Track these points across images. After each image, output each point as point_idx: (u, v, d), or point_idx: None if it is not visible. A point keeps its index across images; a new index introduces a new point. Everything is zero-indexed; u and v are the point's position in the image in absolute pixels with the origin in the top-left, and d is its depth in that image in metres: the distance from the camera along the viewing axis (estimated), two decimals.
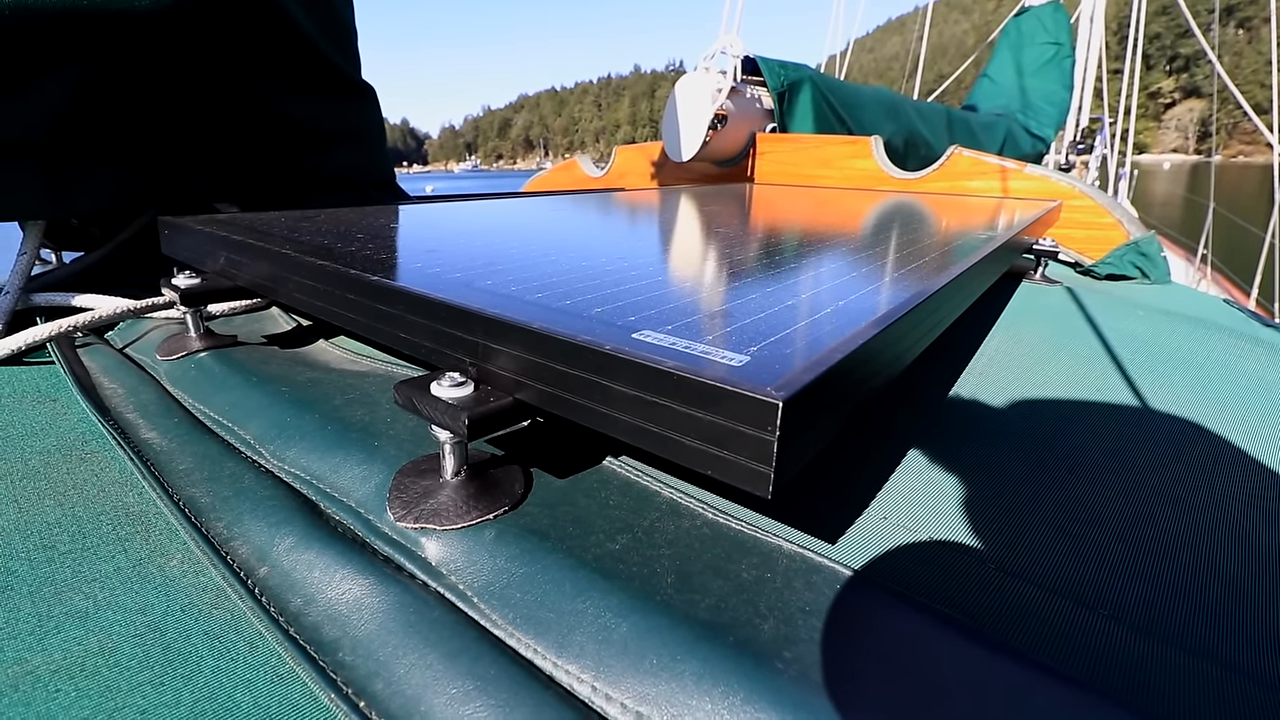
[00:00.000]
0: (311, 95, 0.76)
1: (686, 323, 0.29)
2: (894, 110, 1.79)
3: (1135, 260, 0.97)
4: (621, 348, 0.24)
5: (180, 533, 0.31)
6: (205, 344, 0.50)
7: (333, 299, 0.38)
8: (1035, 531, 0.33)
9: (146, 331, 0.58)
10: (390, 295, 0.33)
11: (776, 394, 0.20)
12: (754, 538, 0.29)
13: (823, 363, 0.23)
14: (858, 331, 0.28)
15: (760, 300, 0.33)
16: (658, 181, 1.63)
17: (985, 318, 0.66)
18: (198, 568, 0.29)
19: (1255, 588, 0.30)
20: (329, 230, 0.52)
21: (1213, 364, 0.58)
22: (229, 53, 0.67)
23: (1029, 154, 2.76)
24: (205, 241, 0.52)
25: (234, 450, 0.37)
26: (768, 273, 0.41)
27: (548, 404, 0.27)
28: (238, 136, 0.70)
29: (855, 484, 0.35)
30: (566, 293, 0.34)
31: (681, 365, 0.22)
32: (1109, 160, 3.90)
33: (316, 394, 0.41)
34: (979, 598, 0.28)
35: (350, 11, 0.84)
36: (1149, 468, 0.40)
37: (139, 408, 0.43)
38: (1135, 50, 3.85)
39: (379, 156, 0.88)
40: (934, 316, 0.39)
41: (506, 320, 0.27)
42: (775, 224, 0.67)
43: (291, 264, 0.41)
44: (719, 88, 1.37)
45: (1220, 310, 0.84)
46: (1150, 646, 0.26)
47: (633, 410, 0.23)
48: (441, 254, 0.44)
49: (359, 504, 0.30)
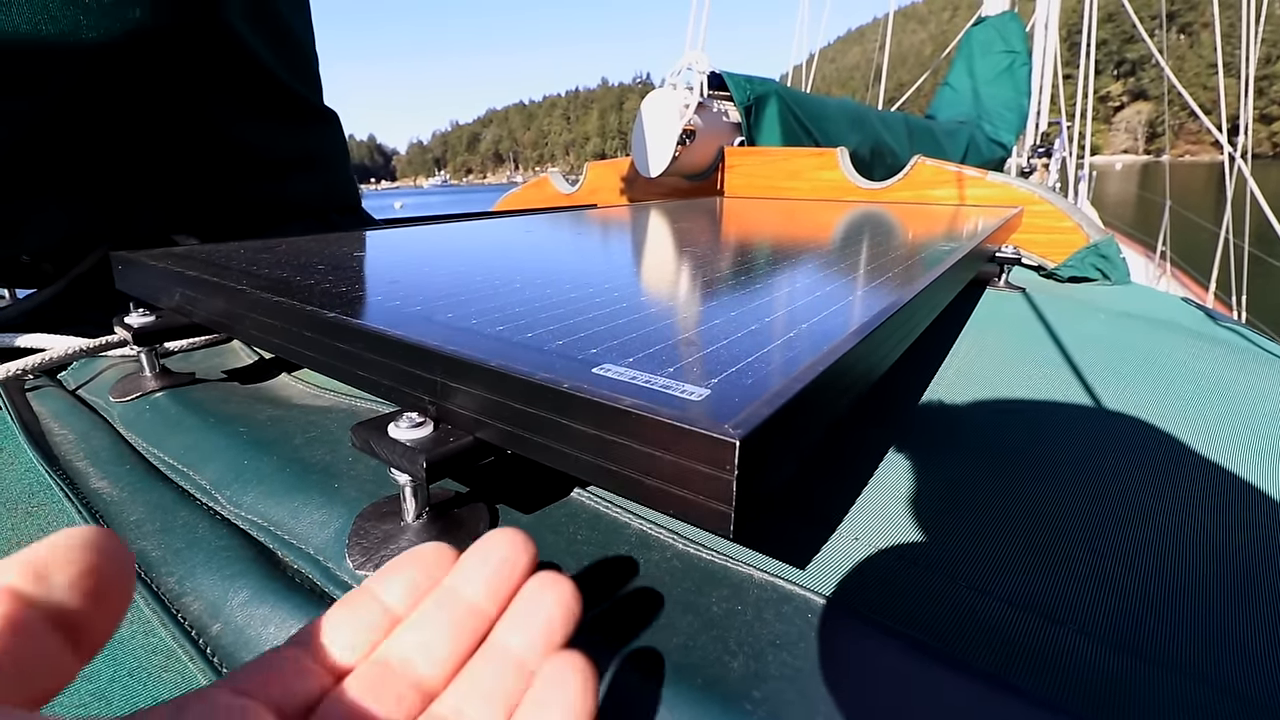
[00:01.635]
0: (270, 122, 0.74)
1: (649, 353, 0.28)
2: (859, 121, 1.82)
3: (1095, 262, 1.00)
4: (580, 385, 0.23)
5: None
6: (161, 383, 0.48)
7: (290, 336, 0.37)
8: (1005, 545, 0.33)
9: (101, 371, 0.56)
10: (348, 333, 0.33)
11: (734, 432, 0.19)
12: (725, 568, 0.29)
13: (783, 394, 0.23)
14: (821, 356, 0.27)
15: (725, 325, 0.33)
16: (629, 197, 1.63)
17: (951, 327, 0.67)
18: (147, 628, 0.28)
19: (1219, 593, 0.30)
20: (289, 262, 0.51)
21: (1173, 365, 0.59)
22: (183, 82, 0.65)
23: (991, 160, 2.82)
24: (159, 277, 0.50)
25: (189, 497, 0.35)
26: (733, 294, 0.41)
27: (508, 443, 0.26)
28: (194, 167, 0.69)
29: (827, 504, 0.35)
30: (529, 324, 0.33)
31: (639, 403, 0.22)
32: (1068, 163, 4.02)
33: (276, 433, 0.40)
34: (950, 618, 0.28)
35: (310, 36, 0.83)
36: (1114, 473, 0.40)
37: (90, 454, 0.41)
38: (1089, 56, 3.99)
39: (343, 182, 0.87)
40: (901, 331, 0.39)
41: (464, 358, 0.27)
42: (742, 241, 0.67)
43: (247, 300, 0.40)
44: (686, 104, 1.38)
45: (1179, 309, 0.86)
46: (1118, 660, 0.26)
47: (593, 449, 0.23)
48: (403, 284, 0.43)
49: (318, 551, 0.29)
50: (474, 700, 0.18)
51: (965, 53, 3.27)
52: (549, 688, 0.18)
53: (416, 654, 0.19)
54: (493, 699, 0.18)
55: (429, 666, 0.19)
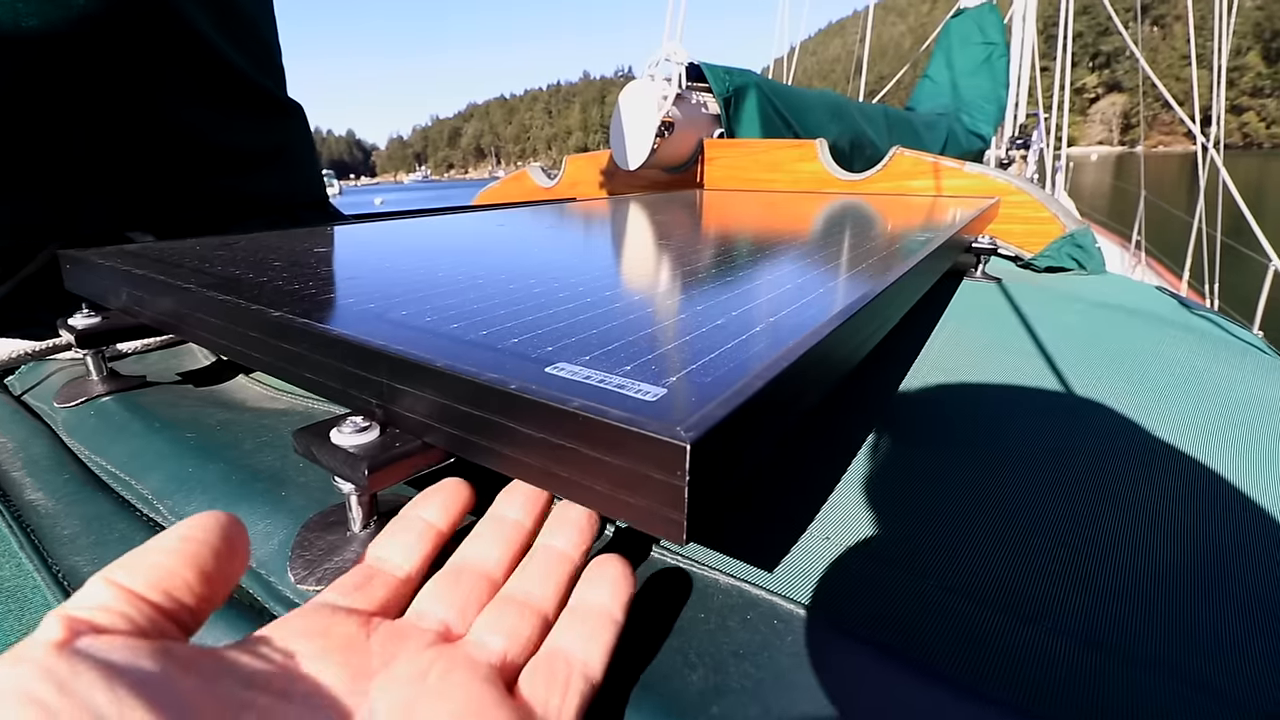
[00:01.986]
0: (230, 114, 0.72)
1: (606, 351, 0.27)
2: (838, 112, 1.81)
3: (1071, 252, 1.00)
4: (528, 386, 0.22)
5: None
6: (108, 387, 0.46)
7: (235, 336, 0.35)
8: (978, 541, 0.32)
9: (48, 375, 0.54)
10: (293, 333, 0.31)
11: (685, 434, 0.18)
12: (689, 573, 0.28)
13: (742, 392, 0.22)
14: (786, 351, 0.26)
15: (690, 320, 0.32)
16: (609, 190, 1.61)
17: (927, 318, 0.66)
18: None
19: (1193, 587, 0.30)
20: (245, 259, 0.49)
21: (1147, 354, 0.59)
22: (134, 73, 0.63)
23: (970, 151, 2.84)
24: (107, 276, 0.48)
25: (128, 508, 0.33)
26: (701, 288, 0.40)
27: (456, 447, 0.25)
28: (149, 161, 0.66)
29: (797, 502, 0.34)
30: (486, 321, 0.32)
31: (588, 404, 0.20)
32: (1046, 154, 4.06)
33: (226, 438, 0.38)
34: (921, 619, 0.27)
35: (271, 26, 0.81)
36: (1088, 465, 0.40)
37: (28, 463, 0.39)
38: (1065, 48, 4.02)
39: (309, 176, 0.84)
40: (873, 324, 0.38)
41: (410, 358, 0.25)
42: (716, 234, 0.66)
43: (193, 300, 0.38)
44: (664, 95, 1.37)
45: (1153, 298, 0.86)
46: (1090, 658, 0.26)
47: (541, 453, 0.22)
48: (362, 281, 0.41)
49: (259, 564, 0.28)
50: (534, 580, 0.23)
51: (944, 45, 3.28)
52: (597, 571, 0.23)
53: (480, 557, 0.24)
54: (548, 580, 0.23)
55: (492, 566, 0.24)
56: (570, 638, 0.21)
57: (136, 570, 0.17)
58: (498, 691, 0.19)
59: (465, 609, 0.22)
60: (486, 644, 0.21)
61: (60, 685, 0.13)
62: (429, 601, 0.22)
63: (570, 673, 0.20)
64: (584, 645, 0.21)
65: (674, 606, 0.25)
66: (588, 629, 0.21)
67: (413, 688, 0.18)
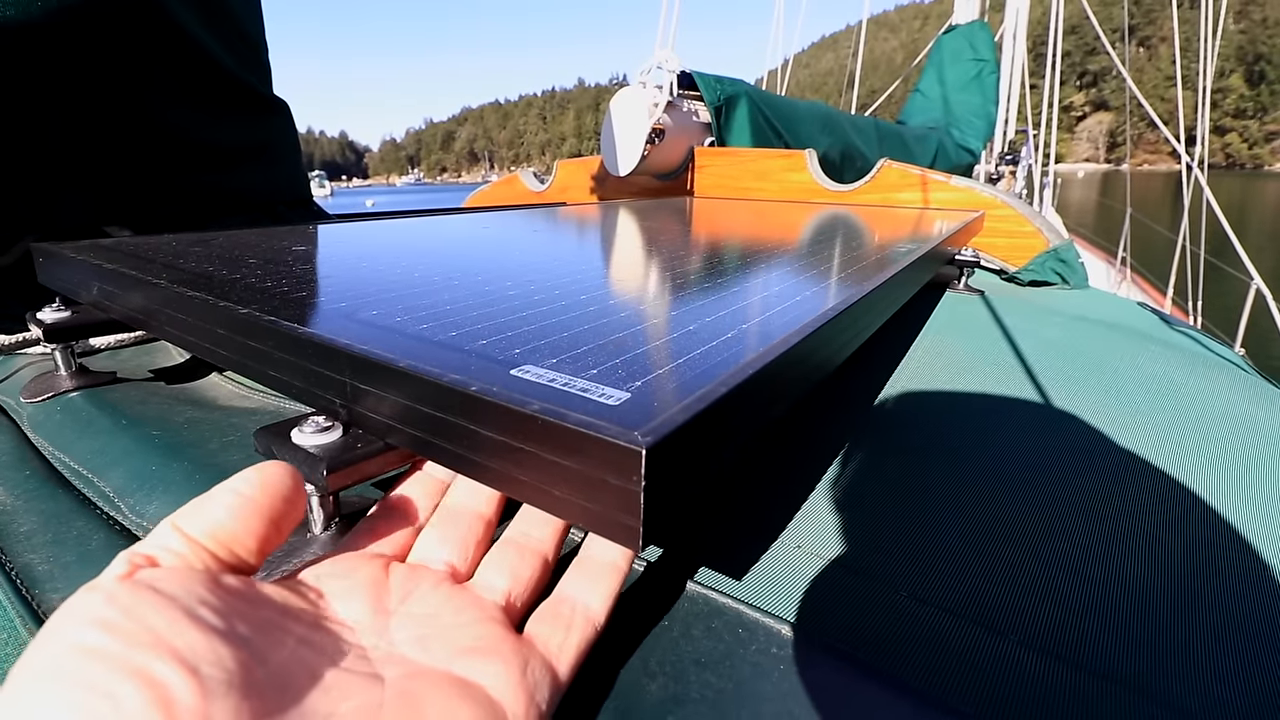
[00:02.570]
0: (212, 110, 0.71)
1: (575, 354, 0.27)
2: (829, 124, 1.83)
3: (1055, 266, 1.01)
4: (489, 388, 0.22)
5: (8, 608, 0.27)
6: (77, 383, 0.45)
7: (203, 334, 0.35)
8: (951, 553, 0.32)
9: (18, 369, 0.53)
10: (259, 331, 0.30)
11: (642, 439, 0.18)
12: (653, 577, 0.27)
13: (705, 398, 0.21)
14: (755, 356, 0.26)
15: (665, 325, 0.32)
16: (599, 195, 1.62)
17: (908, 328, 0.66)
18: (22, 650, 0.26)
19: (1164, 602, 0.30)
20: (220, 256, 0.48)
21: (1125, 368, 0.59)
22: (115, 66, 0.62)
23: (959, 165, 2.87)
24: (79, 270, 0.47)
25: (89, 505, 0.33)
26: (681, 293, 0.39)
27: (418, 449, 0.24)
28: (128, 155, 0.65)
29: (770, 510, 0.34)
30: (458, 323, 0.31)
31: (547, 406, 0.20)
32: (1034, 170, 4.11)
33: (193, 437, 0.38)
34: (891, 629, 0.27)
35: (258, 23, 0.80)
36: (1063, 478, 0.40)
37: None
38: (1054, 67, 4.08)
39: (292, 174, 0.84)
40: (848, 332, 0.38)
41: (373, 358, 0.25)
42: (701, 241, 0.66)
43: (162, 295, 0.38)
44: (655, 102, 1.37)
45: (1134, 314, 0.87)
46: (1059, 672, 0.25)
47: (502, 456, 0.21)
48: (333, 280, 0.41)
49: None
50: (533, 523, 0.25)
51: (936, 60, 3.32)
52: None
53: (468, 499, 0.26)
54: (546, 523, 0.25)
55: (483, 506, 0.26)
56: (576, 584, 0.23)
57: (196, 520, 0.19)
58: (502, 627, 0.21)
59: (466, 549, 0.24)
60: (493, 584, 0.23)
61: (125, 609, 0.15)
62: (433, 545, 0.24)
63: (573, 615, 0.22)
64: (588, 591, 0.23)
65: (636, 612, 0.25)
66: (591, 576, 0.24)
67: (428, 625, 0.20)
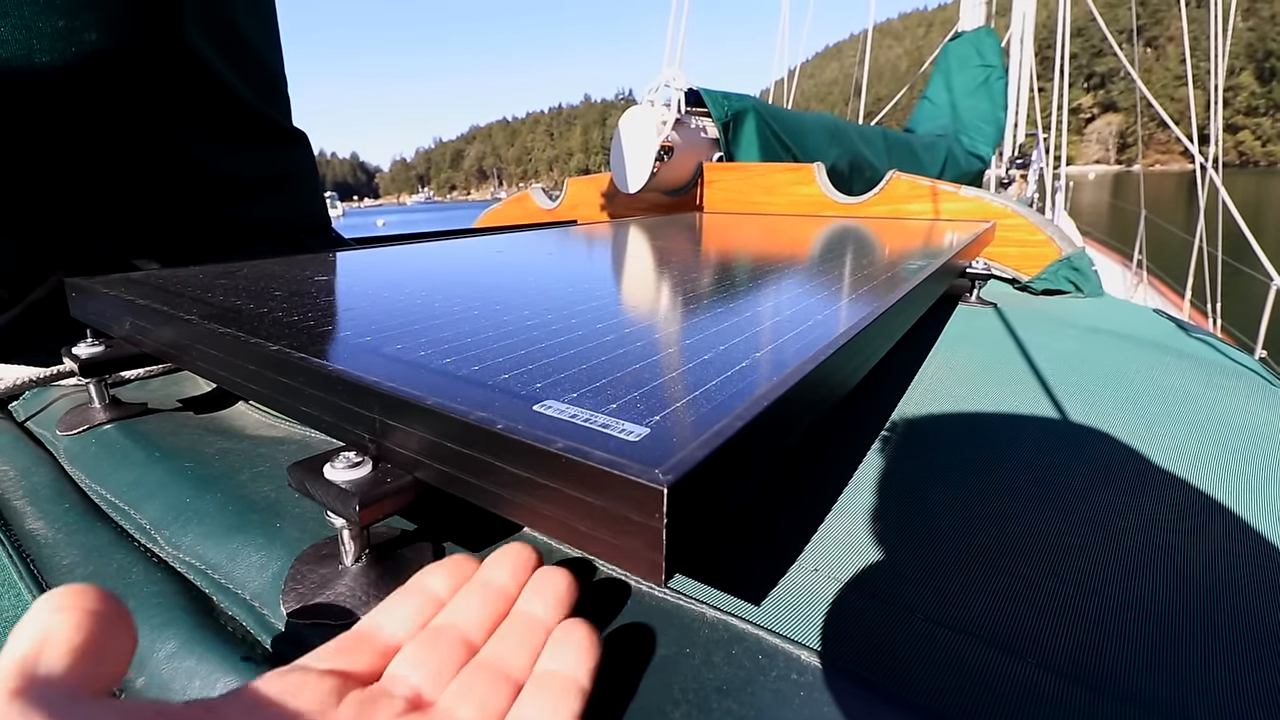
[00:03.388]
0: (235, 144, 0.73)
1: (596, 387, 0.27)
2: (837, 135, 1.84)
3: (1068, 275, 1.01)
4: (514, 426, 0.22)
5: None
6: (110, 415, 0.47)
7: (234, 369, 0.36)
8: (966, 572, 0.32)
9: (52, 401, 0.54)
10: (289, 367, 0.32)
11: (663, 478, 0.19)
12: (676, 605, 0.28)
13: (722, 433, 0.22)
14: (770, 388, 0.27)
15: (680, 354, 0.33)
16: (609, 212, 1.63)
17: (922, 343, 0.67)
18: None
19: (1183, 621, 0.30)
20: (246, 288, 0.50)
21: (1141, 380, 0.59)
22: (144, 105, 0.64)
23: (969, 172, 2.86)
24: (111, 305, 0.49)
25: (127, 538, 0.34)
26: (694, 319, 0.40)
27: (446, 484, 0.25)
28: (156, 190, 0.68)
29: (786, 533, 0.34)
30: (480, 356, 0.32)
31: (571, 444, 0.21)
32: (1045, 174, 4.08)
33: (223, 468, 0.39)
34: (909, 653, 0.27)
35: (277, 56, 0.83)
36: (1079, 494, 0.40)
37: (29, 492, 0.40)
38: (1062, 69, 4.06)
39: (311, 202, 0.86)
40: (860, 355, 0.39)
41: (402, 395, 0.26)
42: (711, 261, 0.67)
43: (193, 332, 0.39)
44: (664, 120, 1.39)
45: (1150, 322, 0.87)
46: (1076, 694, 0.26)
47: (527, 492, 0.22)
48: (357, 312, 0.42)
49: (254, 596, 0.28)
50: (510, 647, 0.23)
51: (943, 67, 3.32)
52: (563, 635, 0.23)
53: (461, 621, 0.24)
54: (523, 647, 0.23)
55: (472, 629, 0.24)
56: (534, 710, 0.21)
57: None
58: None
59: (440, 673, 0.22)
60: (455, 714, 0.21)
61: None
62: (406, 665, 0.22)
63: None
64: (548, 717, 0.21)
65: (657, 641, 0.25)
66: (552, 701, 0.21)
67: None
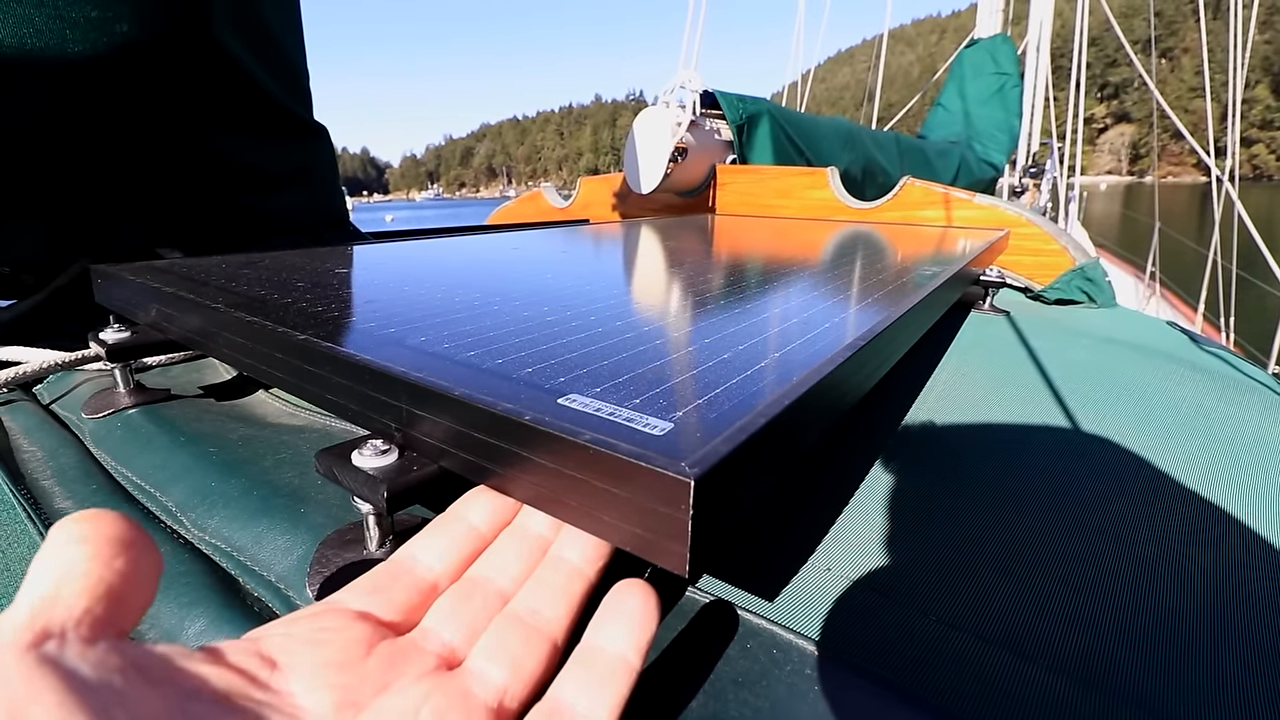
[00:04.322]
0: (259, 137, 0.74)
1: (618, 382, 0.28)
2: (850, 140, 1.84)
3: (1081, 285, 1.01)
4: (541, 418, 0.23)
5: None
6: (134, 400, 0.47)
7: (260, 356, 0.37)
8: (979, 578, 0.33)
9: (76, 385, 0.55)
10: (316, 356, 0.32)
11: (690, 470, 0.19)
12: (692, 599, 0.28)
13: (746, 428, 0.23)
14: (791, 386, 0.27)
15: (700, 352, 0.33)
16: (621, 213, 1.64)
17: (934, 350, 0.67)
18: None
19: (1194, 629, 0.30)
20: (269, 279, 0.51)
21: (1153, 392, 0.59)
22: (171, 96, 0.65)
23: (982, 179, 2.86)
24: (137, 292, 0.50)
25: (153, 519, 0.35)
26: (709, 318, 0.41)
27: (472, 473, 0.26)
28: (180, 180, 0.69)
29: (800, 532, 0.35)
30: (502, 349, 0.33)
31: (598, 437, 0.21)
32: (1059, 183, 4.06)
33: (247, 454, 0.39)
34: (921, 653, 0.28)
35: (301, 52, 0.84)
36: (1092, 503, 0.40)
37: (57, 473, 0.40)
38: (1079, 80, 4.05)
39: (330, 196, 0.87)
40: (878, 358, 0.39)
41: (429, 386, 0.27)
42: (727, 262, 0.67)
43: (220, 319, 0.40)
44: (678, 121, 1.40)
45: (1163, 334, 0.86)
46: (1088, 698, 0.26)
47: (553, 482, 0.23)
48: (379, 305, 0.43)
49: (279, 579, 0.29)
50: (545, 599, 0.23)
51: (957, 74, 3.31)
52: (615, 602, 0.22)
53: (496, 573, 0.24)
54: (559, 599, 0.23)
55: (509, 582, 0.23)
56: (576, 689, 0.19)
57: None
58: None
59: (474, 629, 0.21)
60: (486, 676, 0.20)
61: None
62: (439, 619, 0.22)
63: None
64: (591, 699, 0.19)
65: (673, 632, 0.26)
66: (597, 678, 0.20)
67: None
